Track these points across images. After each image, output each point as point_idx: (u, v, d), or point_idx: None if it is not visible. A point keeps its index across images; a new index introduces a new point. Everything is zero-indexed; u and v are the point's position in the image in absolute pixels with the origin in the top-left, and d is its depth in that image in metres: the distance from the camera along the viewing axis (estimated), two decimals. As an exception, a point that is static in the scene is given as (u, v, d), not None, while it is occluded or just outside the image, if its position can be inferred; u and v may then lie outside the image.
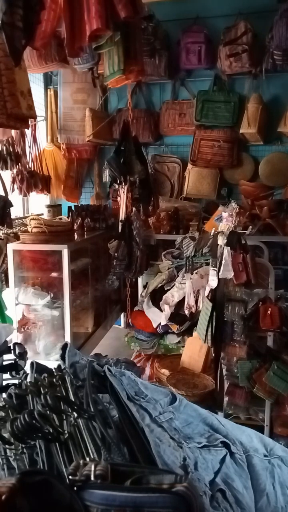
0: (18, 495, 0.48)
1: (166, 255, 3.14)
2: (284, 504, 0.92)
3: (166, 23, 3.69)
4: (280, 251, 3.41)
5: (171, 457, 0.85)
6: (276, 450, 1.05)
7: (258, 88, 3.69)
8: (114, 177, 3.10)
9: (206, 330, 2.17)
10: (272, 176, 3.73)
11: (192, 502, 0.51)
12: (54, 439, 0.77)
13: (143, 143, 3.74)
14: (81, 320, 3.25)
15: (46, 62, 3.11)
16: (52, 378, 0.93)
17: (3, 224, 2.95)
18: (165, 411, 1.01)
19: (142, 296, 3.33)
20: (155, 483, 0.53)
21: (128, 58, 2.44)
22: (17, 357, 1.29)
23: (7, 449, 0.79)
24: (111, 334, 3.76)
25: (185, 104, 3.91)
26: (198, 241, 2.79)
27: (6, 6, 1.65)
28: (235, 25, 3.45)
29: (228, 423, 1.08)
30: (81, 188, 4.37)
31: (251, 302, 2.21)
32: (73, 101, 4.04)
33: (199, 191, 3.87)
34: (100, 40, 2.15)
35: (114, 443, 0.79)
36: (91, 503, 0.53)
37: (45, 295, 2.77)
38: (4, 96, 1.92)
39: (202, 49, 3.58)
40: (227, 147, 3.72)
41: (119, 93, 3.97)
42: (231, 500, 0.84)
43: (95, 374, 1.02)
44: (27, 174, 3.34)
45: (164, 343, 3.13)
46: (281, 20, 3.11)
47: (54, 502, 0.51)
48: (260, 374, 2.16)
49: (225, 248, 2.10)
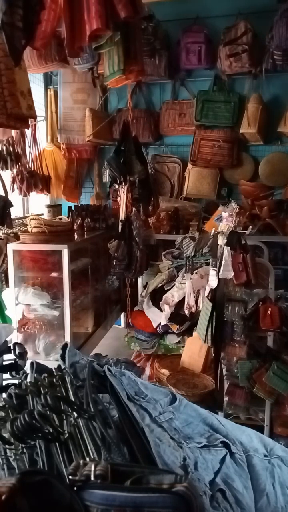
0: (18, 495, 0.48)
1: (166, 255, 3.14)
2: (284, 504, 0.92)
3: (166, 23, 3.69)
4: (280, 251, 3.41)
5: (171, 457, 0.85)
6: (276, 450, 1.05)
7: (258, 88, 3.69)
8: (114, 177, 3.10)
9: (206, 330, 2.17)
10: (272, 176, 3.73)
11: (192, 502, 0.51)
12: (54, 439, 0.77)
13: (143, 143, 3.74)
14: (81, 320, 3.25)
15: (46, 62, 3.11)
16: (52, 378, 0.93)
17: (3, 224, 2.95)
18: (165, 411, 1.01)
19: (142, 296, 3.32)
20: (155, 483, 0.53)
21: (128, 58, 2.44)
22: (17, 357, 1.29)
23: (7, 449, 0.79)
24: (111, 334, 3.76)
25: (185, 104, 3.92)
26: (198, 241, 2.79)
27: (6, 6, 1.65)
28: (235, 25, 3.45)
29: (228, 423, 1.08)
30: (81, 188, 4.38)
31: (251, 302, 2.21)
32: (73, 101, 4.04)
33: (199, 191, 3.87)
34: (100, 40, 2.15)
35: (114, 443, 0.79)
36: (91, 503, 0.53)
37: (45, 295, 2.77)
38: (4, 96, 1.92)
39: (202, 49, 3.58)
40: (227, 147, 3.72)
41: (119, 93, 3.97)
42: (231, 500, 0.84)
43: (95, 374, 1.02)
44: (27, 174, 3.34)
45: (164, 343, 3.13)
46: (281, 20, 3.11)
47: (54, 502, 0.51)
48: (260, 374, 2.16)
49: (225, 248, 2.10)
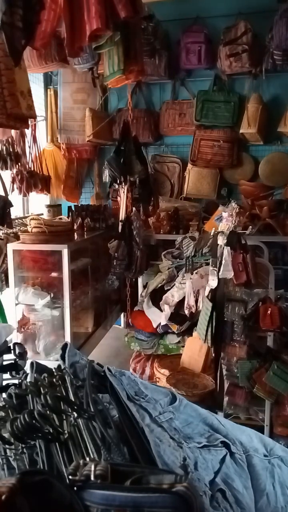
0: (18, 495, 0.48)
1: (166, 255, 3.14)
2: (284, 504, 0.92)
3: (166, 23, 3.69)
4: (280, 251, 3.41)
5: (171, 457, 0.84)
6: (276, 450, 1.05)
7: (258, 88, 3.69)
8: (114, 177, 3.10)
9: (206, 330, 2.17)
10: (272, 176, 3.73)
11: (192, 502, 0.51)
12: (54, 439, 0.77)
13: (143, 143, 3.74)
14: (81, 320, 3.25)
15: (46, 62, 3.11)
16: (52, 378, 0.93)
17: (3, 224, 2.95)
18: (165, 411, 1.01)
19: (142, 296, 3.32)
20: (155, 483, 0.53)
21: (128, 58, 2.44)
22: (17, 357, 1.30)
23: (7, 449, 0.79)
24: (111, 334, 3.76)
25: (185, 104, 3.92)
26: (198, 241, 2.78)
27: (6, 6, 1.65)
28: (235, 25, 3.45)
29: (228, 423, 1.08)
30: (81, 188, 4.37)
31: (251, 302, 2.21)
32: (73, 101, 4.04)
33: (199, 191, 3.87)
34: (100, 40, 2.15)
35: (114, 443, 0.79)
36: (91, 503, 0.53)
37: (45, 295, 2.77)
38: (4, 96, 1.93)
39: (202, 49, 3.58)
40: (227, 147, 3.72)
41: (119, 93, 3.97)
42: (231, 500, 0.84)
43: (95, 374, 1.02)
44: (27, 174, 3.34)
45: (164, 343, 3.13)
46: (281, 20, 3.11)
47: (54, 502, 0.51)
48: (260, 374, 2.16)
49: (225, 248, 2.10)
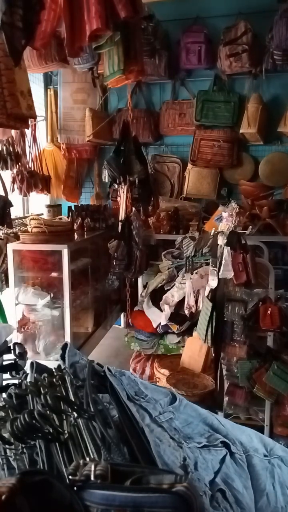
0: (18, 495, 0.48)
1: (166, 255, 3.14)
2: (284, 504, 0.92)
3: (166, 23, 3.69)
4: (280, 251, 3.41)
5: (171, 457, 0.84)
6: (276, 450, 1.05)
7: (258, 88, 3.69)
8: (114, 177, 3.10)
9: (206, 330, 2.17)
10: (272, 176, 3.73)
11: (192, 502, 0.51)
12: (54, 439, 0.77)
13: (143, 143, 3.74)
14: (81, 320, 3.25)
15: (46, 62, 3.10)
16: (52, 378, 0.93)
17: (3, 224, 2.95)
18: (165, 411, 1.01)
19: (142, 296, 3.32)
20: (155, 483, 0.53)
21: (128, 58, 2.44)
22: (17, 357, 1.30)
23: (7, 449, 0.79)
24: (111, 334, 3.76)
25: (185, 104, 3.91)
26: (198, 241, 2.78)
27: (6, 6, 1.65)
28: (235, 25, 3.45)
29: (228, 423, 1.08)
30: (81, 188, 4.37)
31: (251, 302, 2.21)
32: (73, 101, 4.04)
33: (199, 191, 3.87)
34: (100, 40, 2.15)
35: (114, 443, 0.79)
36: (91, 503, 0.53)
37: (45, 295, 2.77)
38: (4, 96, 1.92)
39: (202, 49, 3.58)
40: (227, 147, 3.72)
41: (119, 93, 3.97)
42: (231, 500, 0.84)
43: (95, 374, 1.02)
44: (27, 174, 3.34)
45: (164, 343, 3.13)
46: (281, 20, 3.11)
47: (54, 502, 0.51)
48: (260, 374, 2.15)
49: (225, 248, 2.10)
